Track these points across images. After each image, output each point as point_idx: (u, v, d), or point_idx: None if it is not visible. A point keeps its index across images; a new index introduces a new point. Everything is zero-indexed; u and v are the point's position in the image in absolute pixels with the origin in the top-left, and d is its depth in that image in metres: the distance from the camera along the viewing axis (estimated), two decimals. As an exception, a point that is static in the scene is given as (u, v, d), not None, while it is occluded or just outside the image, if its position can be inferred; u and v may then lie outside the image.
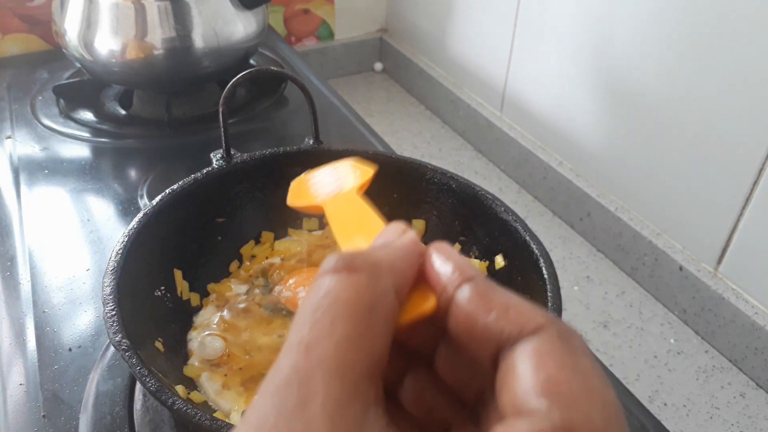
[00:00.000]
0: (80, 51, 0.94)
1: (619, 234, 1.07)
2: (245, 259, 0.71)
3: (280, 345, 0.62)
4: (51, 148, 0.95)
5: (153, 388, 0.46)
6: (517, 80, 1.26)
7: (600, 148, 1.10)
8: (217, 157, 0.69)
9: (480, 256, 0.67)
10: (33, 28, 1.24)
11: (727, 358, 0.94)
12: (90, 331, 0.67)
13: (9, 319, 0.69)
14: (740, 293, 0.92)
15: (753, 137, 0.84)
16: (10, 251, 0.77)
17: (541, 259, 0.57)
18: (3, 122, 1.02)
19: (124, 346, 0.48)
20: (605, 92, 1.05)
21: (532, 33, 1.18)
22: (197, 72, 0.97)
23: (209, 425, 0.44)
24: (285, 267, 0.70)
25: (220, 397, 0.56)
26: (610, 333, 0.97)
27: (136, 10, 0.91)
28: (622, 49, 1.00)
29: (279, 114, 1.06)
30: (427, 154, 1.37)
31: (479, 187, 0.66)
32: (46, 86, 1.10)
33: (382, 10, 1.63)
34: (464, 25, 1.36)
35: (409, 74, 1.57)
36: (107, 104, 1.06)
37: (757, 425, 0.85)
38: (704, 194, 0.93)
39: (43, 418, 0.58)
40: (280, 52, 1.25)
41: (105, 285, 0.53)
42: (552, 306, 0.53)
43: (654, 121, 0.98)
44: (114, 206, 0.85)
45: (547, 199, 1.22)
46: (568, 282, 1.06)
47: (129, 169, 0.93)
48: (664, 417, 0.86)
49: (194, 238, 0.66)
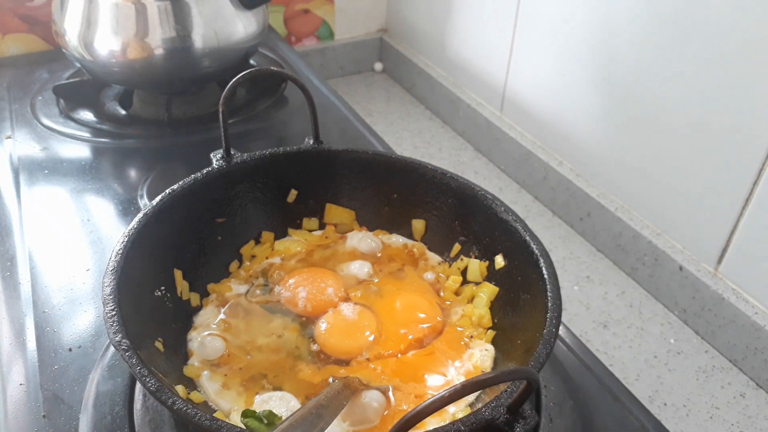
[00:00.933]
0: (80, 51, 0.94)
1: (619, 234, 1.07)
2: (245, 259, 0.71)
3: (280, 345, 0.63)
4: (51, 148, 0.95)
5: (153, 388, 0.46)
6: (517, 80, 1.26)
7: (600, 148, 1.10)
8: (217, 157, 0.69)
9: (480, 256, 0.67)
10: (33, 28, 1.24)
11: (727, 358, 0.94)
12: (90, 331, 0.67)
13: (9, 319, 0.69)
14: (740, 293, 0.92)
15: (753, 137, 0.84)
16: (10, 251, 0.77)
17: (541, 259, 0.57)
18: (3, 122, 1.02)
19: (124, 346, 0.48)
20: (605, 92, 1.05)
21: (532, 33, 1.18)
22: (197, 72, 0.97)
23: (209, 425, 0.44)
24: (285, 267, 0.70)
25: (220, 397, 0.56)
26: (610, 333, 0.97)
27: (136, 10, 0.91)
28: (622, 49, 1.00)
29: (279, 114, 1.06)
30: (427, 154, 1.37)
31: (479, 187, 0.66)
32: (46, 86, 1.10)
33: (382, 10, 1.63)
34: (464, 25, 1.36)
35: (409, 74, 1.57)
36: (107, 104, 1.06)
37: (757, 425, 0.85)
38: (704, 194, 0.93)
39: (43, 418, 0.58)
40: (280, 52, 1.25)
41: (105, 285, 0.53)
42: (552, 306, 0.53)
43: (654, 122, 0.98)
44: (114, 206, 0.85)
45: (547, 199, 1.22)
46: (568, 282, 1.06)
47: (129, 169, 0.93)
48: (664, 417, 0.86)
49: (194, 238, 0.66)
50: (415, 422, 0.36)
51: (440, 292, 0.68)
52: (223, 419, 0.46)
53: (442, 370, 0.60)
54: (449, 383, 0.58)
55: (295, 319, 0.64)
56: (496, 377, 0.39)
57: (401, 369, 0.60)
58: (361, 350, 0.61)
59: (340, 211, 0.74)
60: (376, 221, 0.74)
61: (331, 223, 0.75)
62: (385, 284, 0.68)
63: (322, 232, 0.74)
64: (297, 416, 0.45)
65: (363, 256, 0.71)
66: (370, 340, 0.62)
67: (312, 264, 0.71)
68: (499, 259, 0.65)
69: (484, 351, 0.61)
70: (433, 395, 0.38)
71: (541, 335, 0.50)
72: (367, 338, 0.62)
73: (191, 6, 0.93)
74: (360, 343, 0.61)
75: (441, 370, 0.60)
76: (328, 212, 0.74)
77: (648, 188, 1.02)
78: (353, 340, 0.62)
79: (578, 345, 0.68)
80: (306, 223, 0.74)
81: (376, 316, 0.64)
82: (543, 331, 0.51)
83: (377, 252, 0.72)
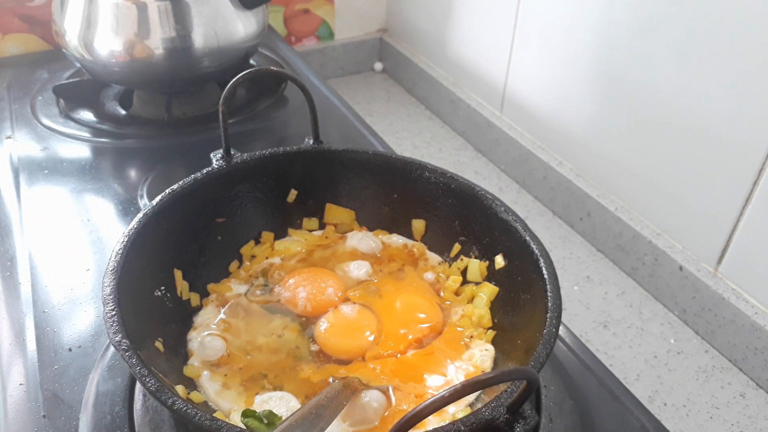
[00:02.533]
0: (80, 51, 0.94)
1: (619, 234, 1.07)
2: (245, 259, 0.71)
3: (280, 345, 0.63)
4: (51, 148, 0.95)
5: (153, 388, 0.46)
6: (517, 80, 1.26)
7: (600, 149, 1.10)
8: (217, 157, 0.69)
9: (480, 256, 0.67)
10: (33, 28, 1.24)
11: (727, 358, 0.94)
12: (90, 331, 0.67)
13: (9, 319, 0.69)
14: (740, 293, 0.92)
15: (753, 137, 0.84)
16: (10, 251, 0.77)
17: (541, 259, 0.57)
18: (3, 122, 1.02)
19: (124, 346, 0.48)
20: (605, 92, 1.05)
21: (532, 33, 1.18)
22: (197, 72, 0.97)
23: (209, 425, 0.44)
24: (285, 267, 0.70)
25: (220, 397, 0.56)
26: (610, 333, 0.97)
27: (136, 10, 0.91)
28: (622, 49, 1.00)
29: (279, 114, 1.06)
30: (427, 154, 1.37)
31: (479, 187, 0.66)
32: (46, 86, 1.10)
33: (382, 10, 1.63)
34: (464, 25, 1.36)
35: (409, 74, 1.57)
36: (107, 104, 1.06)
37: (757, 425, 0.85)
38: (704, 194, 0.93)
39: (43, 418, 0.58)
40: (280, 52, 1.25)
41: (105, 285, 0.53)
42: (552, 306, 0.53)
43: (654, 122, 0.98)
44: (114, 206, 0.85)
45: (547, 199, 1.22)
46: (568, 282, 1.06)
47: (129, 169, 0.93)
48: (664, 417, 0.85)
49: (194, 238, 0.66)
50: (415, 422, 0.36)
51: (440, 292, 0.68)
52: (223, 419, 0.46)
53: (442, 370, 0.60)
54: (449, 383, 0.58)
55: (295, 319, 0.64)
56: (496, 377, 0.39)
57: (401, 369, 0.59)
58: (361, 350, 0.61)
59: (340, 211, 0.74)
60: (376, 221, 0.74)
61: (331, 223, 0.75)
62: (384, 284, 0.68)
63: (322, 232, 0.74)
64: (297, 416, 0.45)
65: (363, 256, 0.71)
66: (369, 341, 0.62)
67: (312, 264, 0.71)
68: (499, 259, 0.65)
69: (484, 351, 0.61)
70: (433, 395, 0.38)
71: (541, 335, 0.50)
72: (366, 338, 0.62)
73: (191, 6, 0.93)
74: (360, 343, 0.61)
75: (441, 370, 0.60)
76: (328, 212, 0.74)
77: (648, 188, 1.02)
78: (353, 340, 0.62)
79: (578, 345, 0.68)
80: (306, 223, 0.74)
81: (376, 316, 0.64)
82: (543, 331, 0.51)
83: (377, 252, 0.72)
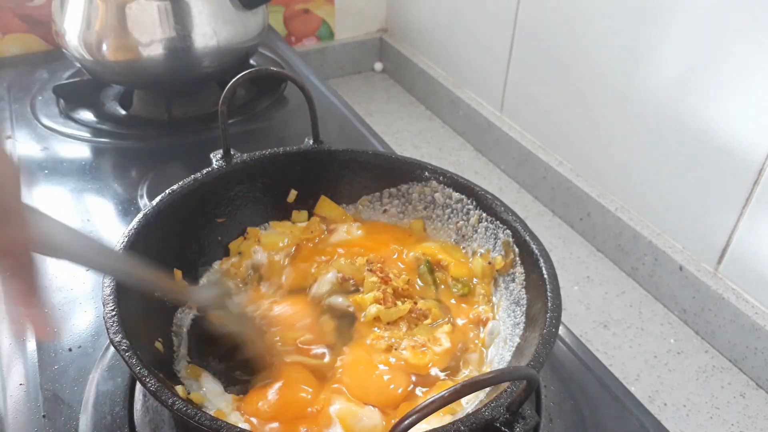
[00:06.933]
0: (80, 51, 0.94)
1: (619, 234, 1.07)
2: (232, 255, 0.69)
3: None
4: (51, 148, 0.95)
5: (153, 388, 0.46)
6: (517, 80, 1.26)
7: (600, 148, 1.10)
8: (217, 157, 0.69)
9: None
10: (33, 28, 1.24)
11: (727, 358, 0.94)
12: (90, 331, 0.67)
13: (9, 319, 0.68)
14: (740, 293, 0.92)
15: (753, 138, 0.84)
16: (10, 251, 0.77)
17: (541, 259, 0.57)
18: (3, 122, 1.01)
19: (124, 346, 0.48)
20: (605, 92, 1.05)
21: (532, 33, 1.18)
22: (197, 72, 0.97)
23: (209, 425, 0.44)
24: (273, 266, 0.68)
25: (220, 398, 0.56)
26: (610, 333, 0.97)
27: (136, 10, 0.91)
28: (621, 49, 1.00)
29: (279, 114, 1.06)
30: (427, 154, 1.37)
31: (479, 187, 0.66)
32: (46, 86, 1.10)
33: (382, 10, 1.63)
34: (464, 25, 1.36)
35: (409, 74, 1.57)
36: (107, 104, 1.06)
37: (757, 425, 0.85)
38: (704, 194, 0.93)
39: (43, 418, 0.57)
40: (280, 52, 1.25)
41: (105, 285, 0.53)
42: (552, 306, 0.53)
43: (654, 122, 0.98)
44: (114, 206, 0.85)
45: (547, 199, 1.22)
46: (568, 282, 1.06)
47: (129, 169, 0.93)
48: (664, 417, 0.85)
49: (194, 238, 0.66)
50: (415, 422, 0.36)
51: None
52: (223, 419, 0.46)
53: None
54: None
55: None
56: (496, 377, 0.39)
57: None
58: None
59: (333, 207, 0.73)
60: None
61: (321, 215, 0.73)
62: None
63: (306, 225, 0.72)
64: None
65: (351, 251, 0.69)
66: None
67: (300, 259, 0.69)
68: (499, 259, 0.65)
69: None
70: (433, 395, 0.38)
71: (540, 335, 0.50)
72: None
73: (191, 6, 0.93)
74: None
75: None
76: (320, 204, 0.73)
77: (648, 188, 1.02)
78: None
79: (578, 345, 0.68)
80: (295, 216, 0.72)
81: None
82: (543, 331, 0.51)
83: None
